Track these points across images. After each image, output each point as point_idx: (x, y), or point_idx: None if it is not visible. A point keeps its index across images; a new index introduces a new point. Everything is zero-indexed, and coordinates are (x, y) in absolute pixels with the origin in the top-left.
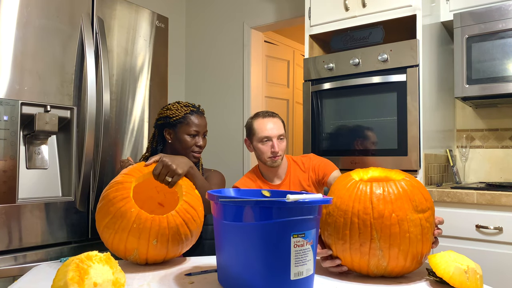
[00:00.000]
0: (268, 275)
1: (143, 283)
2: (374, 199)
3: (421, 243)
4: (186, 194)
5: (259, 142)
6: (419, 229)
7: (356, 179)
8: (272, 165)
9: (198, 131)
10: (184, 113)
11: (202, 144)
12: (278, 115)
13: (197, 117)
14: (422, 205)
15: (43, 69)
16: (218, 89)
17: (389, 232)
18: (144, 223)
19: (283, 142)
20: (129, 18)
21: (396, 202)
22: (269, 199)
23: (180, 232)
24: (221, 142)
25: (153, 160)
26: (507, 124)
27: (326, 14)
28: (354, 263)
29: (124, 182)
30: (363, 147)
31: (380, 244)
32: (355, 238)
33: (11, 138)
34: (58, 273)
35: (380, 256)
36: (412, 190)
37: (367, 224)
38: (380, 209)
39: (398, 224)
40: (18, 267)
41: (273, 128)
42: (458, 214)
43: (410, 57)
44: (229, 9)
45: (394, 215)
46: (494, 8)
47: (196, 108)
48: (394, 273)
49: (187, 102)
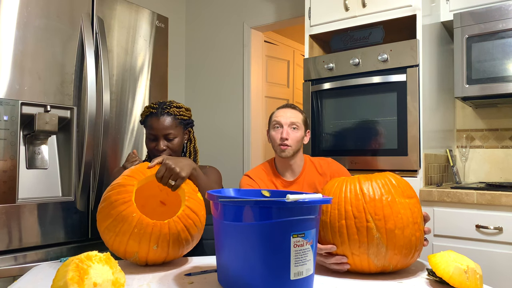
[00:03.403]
0: (268, 275)
1: (142, 283)
2: (364, 188)
3: (413, 226)
4: (189, 199)
5: (272, 129)
6: (409, 212)
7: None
8: (280, 155)
9: (155, 134)
10: (144, 116)
11: (160, 148)
12: (299, 108)
13: (155, 120)
14: (408, 192)
15: (43, 69)
16: (218, 89)
17: (383, 213)
18: (146, 228)
19: (296, 132)
20: (129, 18)
21: (384, 188)
22: (269, 199)
23: (181, 238)
24: (221, 142)
25: (156, 162)
26: (507, 124)
27: (326, 14)
28: (354, 257)
29: (126, 185)
30: (363, 147)
31: (376, 225)
32: (352, 228)
33: (11, 138)
34: (58, 273)
35: (379, 239)
36: (397, 180)
37: (360, 209)
38: (370, 194)
39: (389, 206)
40: (18, 267)
41: (287, 116)
42: (458, 214)
43: (410, 57)
44: (229, 9)
45: (384, 198)
46: (494, 8)
47: (156, 109)
48: (394, 260)
49: (153, 103)
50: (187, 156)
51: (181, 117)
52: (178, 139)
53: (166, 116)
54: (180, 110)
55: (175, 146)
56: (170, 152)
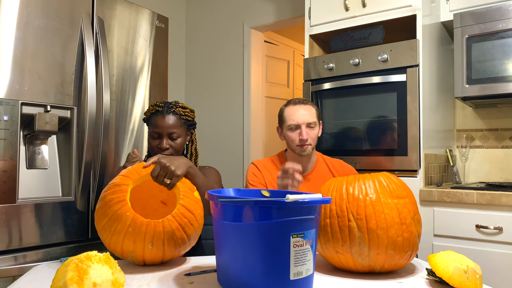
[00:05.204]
0: (267, 275)
1: (142, 283)
2: (350, 188)
3: (399, 226)
4: (184, 197)
5: (288, 129)
6: (396, 212)
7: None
8: (300, 154)
9: (159, 132)
10: (149, 114)
11: (163, 146)
12: (311, 102)
13: (160, 118)
14: (397, 192)
15: (43, 69)
16: (218, 89)
17: (364, 213)
18: (140, 227)
19: (314, 130)
20: (129, 18)
21: (370, 188)
22: (269, 199)
23: (177, 236)
24: (221, 142)
25: (151, 161)
26: (507, 124)
27: (326, 14)
28: (339, 255)
29: (121, 184)
30: (363, 147)
31: (358, 225)
32: (335, 227)
33: (11, 138)
34: (58, 273)
35: (360, 239)
36: (389, 180)
37: (343, 208)
38: (355, 194)
39: (372, 205)
40: (18, 267)
41: (303, 115)
42: (458, 214)
43: (410, 57)
44: (229, 9)
45: (368, 198)
46: (494, 8)
47: (162, 108)
48: (379, 260)
49: (159, 102)
50: (188, 157)
51: (185, 117)
52: (181, 139)
53: (171, 115)
54: (185, 110)
55: (178, 145)
56: (172, 152)
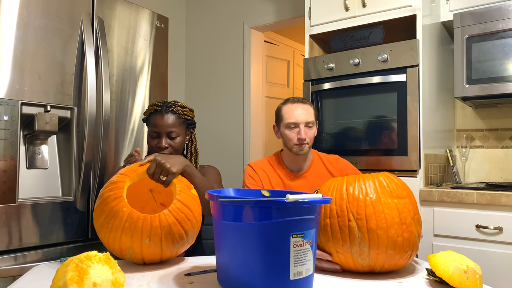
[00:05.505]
0: (267, 275)
1: (142, 283)
2: (350, 188)
3: (399, 226)
4: (180, 193)
5: (286, 128)
6: (396, 212)
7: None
8: (298, 153)
9: (158, 131)
10: (148, 113)
11: (162, 145)
12: (309, 102)
13: (159, 117)
14: (398, 192)
15: (43, 69)
16: (218, 89)
17: (365, 213)
18: (136, 222)
19: (312, 130)
20: (129, 18)
21: (370, 188)
22: (269, 199)
23: (173, 232)
24: (221, 142)
25: (147, 160)
26: (507, 124)
27: (326, 14)
28: (339, 255)
29: (118, 182)
30: (363, 147)
31: (358, 225)
32: (335, 227)
33: (11, 138)
34: (58, 273)
35: (360, 239)
36: (389, 180)
37: (343, 208)
38: (355, 194)
39: (372, 205)
40: (18, 267)
41: (301, 114)
42: (458, 214)
43: (410, 57)
44: (229, 9)
45: (368, 198)
46: (494, 8)
47: (161, 107)
48: (379, 260)
49: (158, 102)
50: (188, 157)
51: (184, 116)
52: (180, 138)
53: (170, 114)
54: (184, 109)
55: (177, 144)
56: (172, 151)
